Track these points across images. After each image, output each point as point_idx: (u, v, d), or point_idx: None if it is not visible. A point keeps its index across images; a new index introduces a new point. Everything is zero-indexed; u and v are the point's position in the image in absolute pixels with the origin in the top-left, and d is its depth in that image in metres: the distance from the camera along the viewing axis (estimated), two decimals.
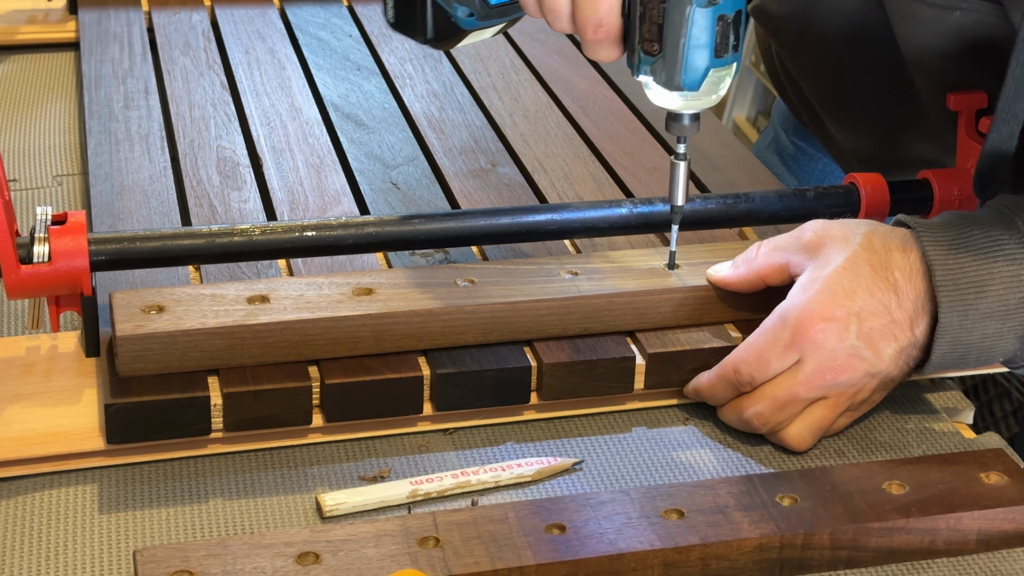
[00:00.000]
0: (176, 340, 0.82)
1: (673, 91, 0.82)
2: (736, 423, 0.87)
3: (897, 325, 0.83)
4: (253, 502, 0.80)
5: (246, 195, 1.06)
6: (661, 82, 0.82)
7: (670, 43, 0.80)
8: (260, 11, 1.41)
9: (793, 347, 0.83)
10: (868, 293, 0.83)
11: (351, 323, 0.84)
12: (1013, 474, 0.81)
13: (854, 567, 0.77)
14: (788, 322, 0.83)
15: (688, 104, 0.83)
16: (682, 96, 0.82)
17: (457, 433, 0.87)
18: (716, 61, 0.81)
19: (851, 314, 0.82)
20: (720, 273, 0.90)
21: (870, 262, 0.84)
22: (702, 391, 0.88)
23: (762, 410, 0.84)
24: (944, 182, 1.01)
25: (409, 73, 1.30)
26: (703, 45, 0.80)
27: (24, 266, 0.82)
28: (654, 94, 0.84)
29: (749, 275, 0.89)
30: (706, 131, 1.22)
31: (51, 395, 0.84)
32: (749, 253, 0.90)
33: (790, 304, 0.84)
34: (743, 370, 0.85)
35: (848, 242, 0.85)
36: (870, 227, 0.86)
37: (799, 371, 0.83)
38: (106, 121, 1.17)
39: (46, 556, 0.76)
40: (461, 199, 1.07)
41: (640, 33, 0.81)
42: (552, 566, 0.72)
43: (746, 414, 0.85)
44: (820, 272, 0.84)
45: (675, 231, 0.91)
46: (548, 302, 0.87)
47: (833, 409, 0.85)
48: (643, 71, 0.82)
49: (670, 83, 0.81)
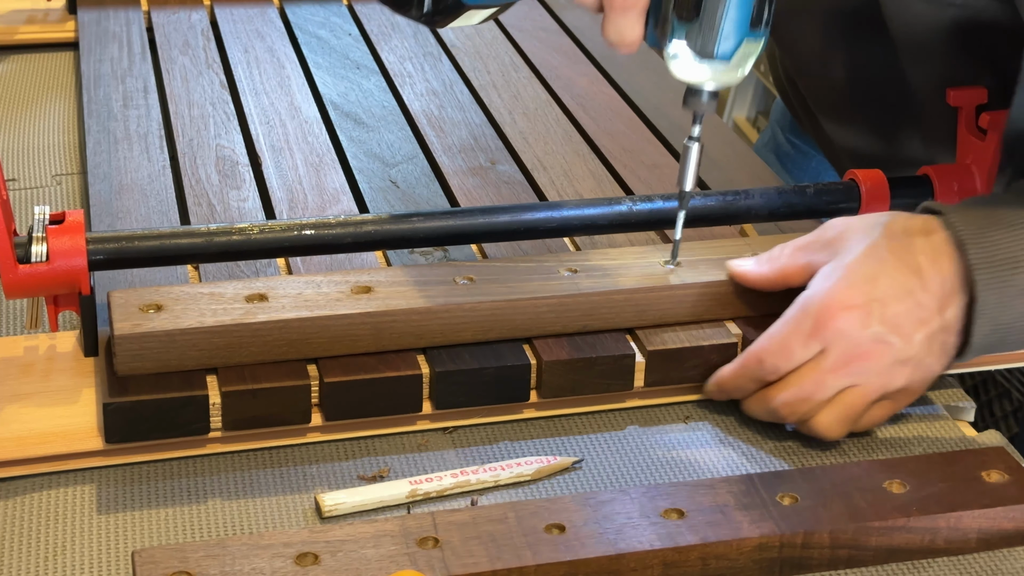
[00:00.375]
0: (174, 339, 0.82)
1: (704, 60, 0.81)
2: (764, 415, 0.86)
3: (924, 309, 0.82)
4: (252, 502, 0.80)
5: (245, 194, 1.06)
6: (695, 49, 0.81)
7: (708, 9, 0.80)
8: (259, 10, 1.41)
9: (816, 336, 0.82)
10: (890, 278, 0.82)
11: (350, 321, 0.84)
12: (1014, 472, 0.80)
13: (854, 566, 0.77)
14: (810, 311, 0.83)
15: (715, 77, 0.82)
16: (711, 67, 0.82)
17: (456, 432, 0.87)
18: (751, 32, 0.80)
19: (873, 300, 0.82)
20: (743, 268, 0.90)
21: (891, 248, 0.83)
22: (725, 384, 0.87)
23: (790, 400, 0.84)
24: (944, 178, 1.01)
25: (408, 71, 1.30)
26: (742, 15, 0.80)
27: (22, 266, 0.82)
28: (681, 65, 0.82)
29: (772, 274, 0.88)
30: (707, 129, 1.22)
31: (49, 395, 0.84)
32: (774, 252, 0.89)
33: (811, 293, 0.84)
34: (767, 360, 0.84)
35: (869, 232, 0.85)
36: (891, 216, 0.86)
37: (824, 359, 0.82)
38: (105, 120, 1.17)
39: (45, 556, 0.75)
40: (460, 197, 1.07)
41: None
42: (552, 566, 0.72)
43: (774, 404, 0.84)
44: (841, 261, 0.84)
45: (681, 218, 0.90)
46: (547, 300, 0.87)
47: (863, 397, 0.83)
48: (676, 37, 0.81)
49: (704, 50, 0.81)
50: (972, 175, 1.01)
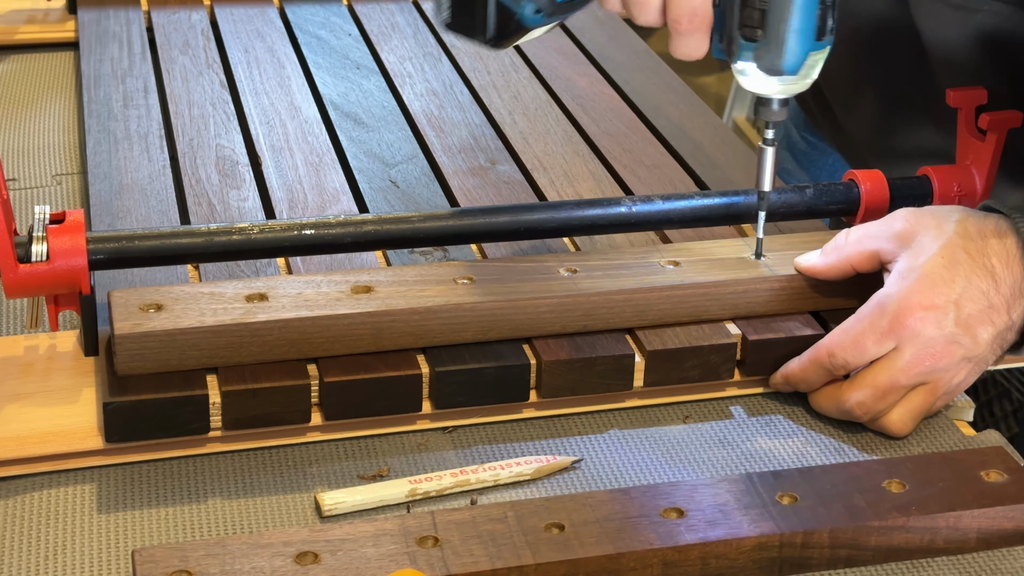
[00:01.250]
0: (175, 338, 0.82)
1: (772, 76, 0.84)
2: (834, 412, 0.88)
3: (995, 310, 0.85)
4: (252, 501, 0.80)
5: (245, 194, 1.06)
6: (763, 68, 0.83)
7: (773, 28, 0.82)
8: (259, 10, 1.41)
9: (891, 334, 0.84)
10: (966, 280, 0.84)
11: (350, 321, 0.84)
12: (1013, 472, 0.80)
13: (854, 566, 0.77)
14: (887, 310, 0.84)
15: (784, 88, 0.85)
16: (780, 81, 0.84)
17: (456, 431, 0.87)
18: (816, 44, 0.83)
19: (950, 302, 0.84)
20: (809, 262, 0.91)
21: (966, 249, 0.85)
22: (792, 377, 0.89)
23: (864, 399, 0.85)
24: (944, 178, 1.01)
25: (408, 72, 1.30)
26: (806, 29, 0.82)
27: (22, 265, 0.82)
28: (750, 80, 0.85)
29: (839, 263, 0.90)
30: (706, 129, 1.22)
31: (50, 394, 0.84)
32: (838, 240, 0.91)
33: (888, 292, 0.85)
34: (838, 354, 0.86)
35: (941, 230, 0.86)
36: (962, 213, 0.88)
37: (898, 358, 0.84)
38: (105, 120, 1.17)
39: (45, 556, 0.75)
40: (460, 197, 1.07)
41: (740, 19, 0.82)
42: (551, 565, 0.72)
43: (848, 404, 0.86)
44: (916, 260, 0.86)
45: (762, 218, 0.92)
46: (547, 300, 0.87)
47: (932, 394, 0.86)
48: (743, 58, 0.83)
49: (771, 67, 0.83)
50: (972, 176, 1.01)
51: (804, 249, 0.93)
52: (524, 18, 0.83)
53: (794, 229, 1.02)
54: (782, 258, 0.93)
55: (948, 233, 0.86)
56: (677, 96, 1.29)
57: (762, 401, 0.91)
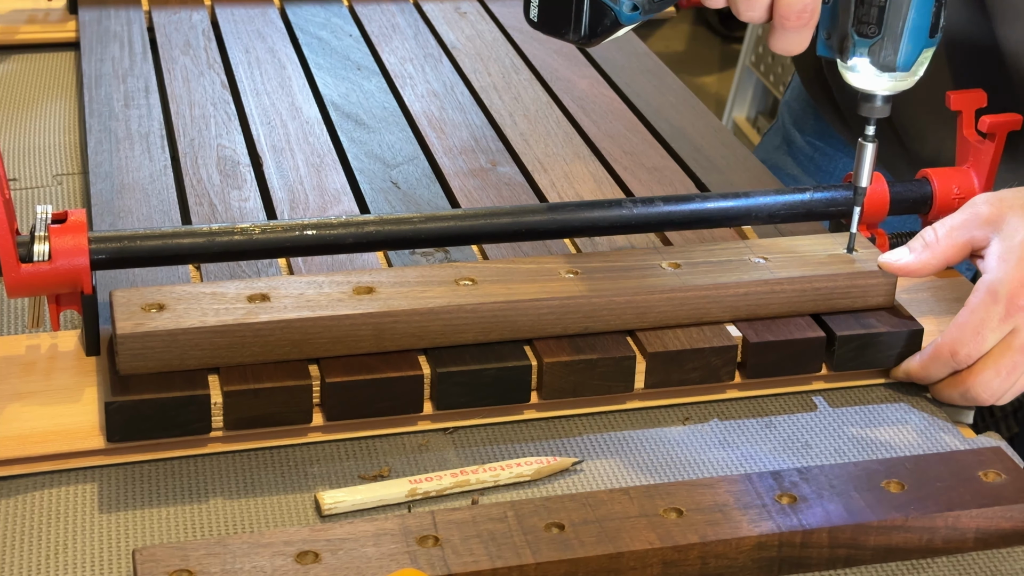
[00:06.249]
0: (176, 338, 0.82)
1: (885, 73, 0.85)
2: (959, 400, 0.90)
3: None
4: (253, 501, 0.80)
5: (246, 194, 1.06)
6: (877, 64, 0.84)
7: (891, 25, 0.83)
8: (260, 10, 1.41)
9: (1008, 319, 0.86)
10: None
11: (351, 322, 0.84)
12: (1011, 472, 0.81)
13: (853, 566, 0.77)
14: (1000, 296, 0.86)
15: (894, 85, 0.86)
16: (891, 77, 0.85)
17: (457, 432, 0.87)
18: (929, 41, 0.84)
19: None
20: (901, 260, 0.92)
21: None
22: (913, 373, 0.91)
23: (989, 382, 0.87)
24: (944, 181, 1.01)
25: (409, 73, 1.30)
26: (921, 26, 0.83)
27: (24, 265, 0.82)
28: (860, 77, 0.86)
29: (934, 259, 0.92)
30: (706, 131, 1.23)
31: (51, 394, 0.84)
32: (928, 237, 0.92)
33: (995, 278, 0.87)
34: (961, 351, 0.87)
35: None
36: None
37: (1015, 339, 0.87)
38: (106, 120, 1.17)
39: (46, 555, 0.76)
40: (461, 198, 1.07)
41: (856, 16, 0.83)
42: (551, 565, 0.72)
43: (973, 391, 0.88)
44: (1012, 241, 0.88)
45: (857, 212, 0.93)
46: (548, 301, 0.87)
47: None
48: (857, 54, 0.85)
49: (886, 64, 0.84)
50: (971, 178, 1.01)
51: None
52: (621, 15, 0.83)
53: (794, 231, 1.02)
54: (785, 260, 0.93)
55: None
56: (677, 98, 1.29)
57: (762, 403, 0.91)
